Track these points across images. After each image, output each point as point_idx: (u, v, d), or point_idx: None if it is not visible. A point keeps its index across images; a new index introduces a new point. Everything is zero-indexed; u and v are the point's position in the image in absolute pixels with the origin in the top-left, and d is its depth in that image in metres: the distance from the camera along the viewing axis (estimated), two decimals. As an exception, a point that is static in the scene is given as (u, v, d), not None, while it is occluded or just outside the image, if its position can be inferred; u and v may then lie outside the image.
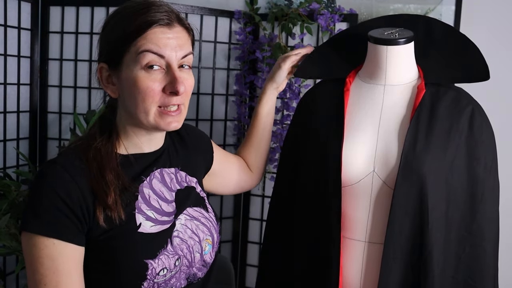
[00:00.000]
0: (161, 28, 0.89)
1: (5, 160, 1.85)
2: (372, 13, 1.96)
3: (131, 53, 0.89)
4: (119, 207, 0.88)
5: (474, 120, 1.09)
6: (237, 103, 1.99)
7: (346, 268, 1.11)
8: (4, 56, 1.79)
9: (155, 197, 0.95)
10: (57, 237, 0.84)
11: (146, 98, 0.89)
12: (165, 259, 0.91)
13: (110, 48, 0.92)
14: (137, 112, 0.91)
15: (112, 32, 0.92)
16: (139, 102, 0.89)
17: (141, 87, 0.88)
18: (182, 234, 0.96)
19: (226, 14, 1.97)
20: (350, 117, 1.14)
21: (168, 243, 0.92)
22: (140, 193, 0.93)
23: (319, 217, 1.12)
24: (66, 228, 0.85)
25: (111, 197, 0.87)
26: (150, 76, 0.89)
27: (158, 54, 0.89)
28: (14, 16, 1.82)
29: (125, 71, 0.90)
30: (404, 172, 1.04)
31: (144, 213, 0.92)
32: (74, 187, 0.86)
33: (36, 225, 0.85)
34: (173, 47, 0.90)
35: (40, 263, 0.84)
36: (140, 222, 0.91)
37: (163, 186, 0.98)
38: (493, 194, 1.12)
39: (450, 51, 1.17)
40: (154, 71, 0.89)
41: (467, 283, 1.10)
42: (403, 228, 1.05)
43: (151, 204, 0.94)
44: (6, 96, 1.82)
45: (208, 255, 1.01)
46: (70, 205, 0.85)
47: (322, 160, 1.12)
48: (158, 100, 0.90)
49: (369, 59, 1.18)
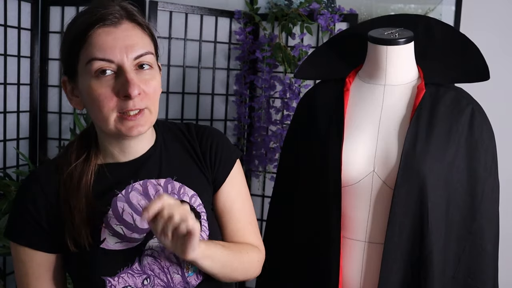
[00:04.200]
0: (105, 29, 0.83)
1: (5, 160, 1.85)
2: (372, 13, 1.96)
3: (81, 62, 0.84)
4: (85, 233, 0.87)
5: (474, 120, 1.09)
6: (237, 103, 1.99)
7: (346, 268, 1.11)
8: (4, 56, 1.79)
9: (130, 211, 0.89)
10: (26, 244, 0.90)
11: (102, 106, 0.83)
12: (128, 278, 0.87)
13: (64, 59, 0.88)
14: (98, 121, 0.87)
15: (64, 42, 0.88)
16: (97, 111, 0.84)
17: (94, 95, 0.83)
18: (157, 253, 0.89)
19: (226, 14, 1.97)
20: (350, 117, 1.14)
21: (135, 262, 0.87)
22: (113, 206, 0.88)
23: (319, 217, 1.12)
24: (35, 236, 0.90)
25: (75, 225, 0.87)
26: (101, 83, 0.83)
27: (106, 60, 0.82)
28: (14, 16, 1.82)
29: (81, 81, 0.86)
30: (404, 172, 1.04)
31: (112, 228, 0.87)
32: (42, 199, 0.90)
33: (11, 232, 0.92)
34: (123, 48, 0.83)
35: (15, 266, 0.93)
36: (105, 237, 0.87)
37: (143, 198, 0.90)
38: (493, 194, 1.12)
39: (450, 51, 1.17)
40: (106, 76, 0.83)
41: (467, 283, 1.10)
42: (403, 228, 1.05)
43: (123, 218, 0.88)
44: (6, 96, 1.82)
45: (194, 277, 0.91)
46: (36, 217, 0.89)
47: (322, 160, 1.12)
48: (115, 106, 0.83)
49: (369, 59, 1.18)
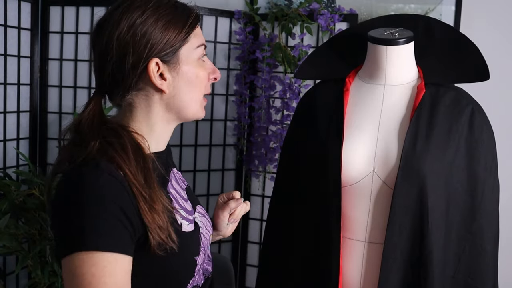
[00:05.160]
0: None
1: (5, 160, 1.85)
2: (372, 13, 1.96)
3: (189, 46, 0.92)
4: (172, 237, 0.84)
5: (474, 120, 1.09)
6: (237, 103, 1.99)
7: (346, 268, 1.11)
8: (4, 56, 1.79)
9: (179, 196, 0.96)
10: (119, 250, 0.77)
11: (202, 87, 0.95)
12: (202, 255, 0.94)
13: (165, 42, 0.89)
14: (192, 102, 0.94)
15: (165, 28, 0.89)
16: (197, 91, 0.94)
17: (201, 77, 0.93)
18: (203, 230, 0.99)
19: (226, 14, 1.97)
20: (350, 117, 1.14)
21: (200, 240, 0.95)
22: (170, 194, 0.93)
23: (319, 217, 1.12)
24: (124, 239, 0.79)
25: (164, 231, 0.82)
26: (203, 67, 0.94)
27: (205, 46, 0.96)
28: (14, 16, 1.82)
29: (185, 64, 0.92)
30: (404, 172, 1.04)
31: (180, 212, 0.93)
32: (127, 195, 0.80)
33: (98, 241, 0.76)
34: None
35: (103, 283, 0.75)
36: (181, 222, 0.91)
37: (177, 184, 0.99)
38: (493, 194, 1.12)
39: (450, 51, 1.17)
40: (204, 62, 0.95)
41: (467, 283, 1.10)
42: (403, 228, 1.05)
43: (180, 203, 0.95)
44: (6, 96, 1.82)
45: (209, 250, 1.04)
46: (127, 214, 0.79)
47: (322, 160, 1.12)
48: (206, 88, 0.96)
49: (369, 59, 1.18)
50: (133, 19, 0.88)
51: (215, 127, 2.04)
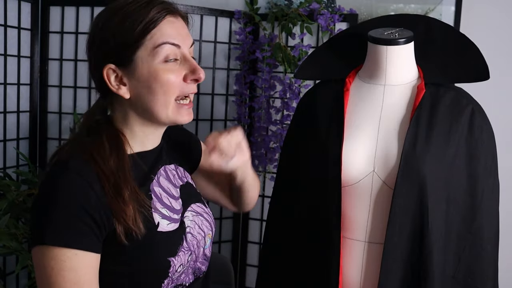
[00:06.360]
0: (171, 18, 0.90)
1: (5, 160, 1.85)
2: (372, 13, 1.96)
3: (145, 48, 0.88)
4: (138, 223, 0.86)
5: (474, 120, 1.10)
6: (237, 103, 1.99)
7: (346, 268, 1.11)
8: (4, 56, 1.79)
9: (165, 194, 0.95)
10: (79, 247, 0.81)
11: (167, 91, 0.89)
12: (182, 255, 0.92)
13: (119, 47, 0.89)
14: (156, 107, 0.90)
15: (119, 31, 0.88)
16: (160, 96, 0.89)
17: (162, 80, 0.88)
18: (192, 230, 0.97)
19: (226, 14, 1.97)
20: (350, 117, 1.14)
21: (183, 240, 0.93)
22: (152, 192, 0.93)
23: (319, 217, 1.12)
24: (87, 237, 0.82)
25: (129, 216, 0.85)
26: (170, 68, 0.89)
27: (175, 45, 0.89)
28: (14, 16, 1.82)
29: (142, 67, 0.88)
30: (404, 172, 1.04)
31: (160, 211, 0.92)
32: (92, 194, 0.83)
33: (57, 236, 0.80)
34: (184, 36, 0.91)
35: (61, 276, 0.80)
36: (158, 221, 0.90)
37: (169, 183, 0.98)
38: (493, 194, 1.12)
39: (450, 51, 1.17)
40: (172, 62, 0.89)
41: (467, 283, 1.10)
42: (403, 228, 1.05)
43: (164, 202, 0.94)
44: (6, 96, 1.82)
45: (208, 249, 1.02)
46: (90, 212, 0.82)
47: (322, 160, 1.12)
48: (177, 91, 0.90)
49: (369, 59, 1.18)
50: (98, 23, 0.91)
51: (215, 127, 2.04)
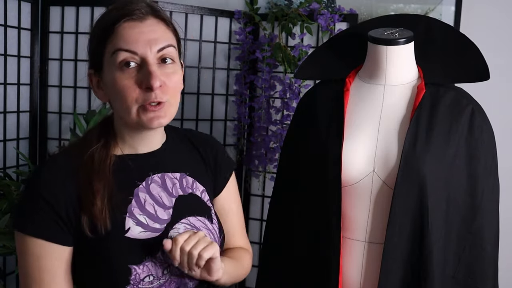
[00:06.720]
0: (131, 23, 0.88)
1: (5, 160, 1.85)
2: (372, 13, 1.96)
3: (107, 54, 0.89)
4: (105, 216, 0.87)
5: (474, 120, 1.10)
6: (237, 103, 1.99)
7: (346, 268, 1.11)
8: (4, 56, 1.79)
9: (151, 202, 0.94)
10: (42, 237, 0.87)
11: (125, 97, 0.87)
12: (151, 266, 0.89)
13: (92, 52, 0.92)
14: (121, 112, 0.91)
15: (93, 36, 0.92)
16: (121, 102, 0.89)
17: (118, 86, 0.87)
18: None
19: (226, 14, 1.97)
20: (350, 117, 1.14)
21: (158, 251, 0.90)
22: (135, 196, 0.92)
23: (319, 217, 1.12)
24: (51, 229, 0.87)
25: (96, 207, 0.87)
26: (125, 75, 0.87)
27: (130, 51, 0.87)
28: (14, 16, 1.82)
29: (106, 73, 0.90)
30: (404, 172, 1.04)
31: (136, 217, 0.91)
32: (61, 189, 0.87)
33: (23, 224, 0.88)
34: (147, 41, 0.87)
35: (26, 260, 0.88)
36: (129, 227, 0.89)
37: (162, 191, 0.96)
38: (493, 194, 1.12)
39: (450, 51, 1.17)
40: (129, 69, 0.87)
41: (467, 283, 1.10)
42: (403, 228, 1.05)
43: (145, 209, 0.92)
44: (6, 96, 1.82)
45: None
46: (55, 207, 0.86)
47: (322, 160, 1.12)
48: (138, 98, 0.87)
49: (369, 59, 1.18)
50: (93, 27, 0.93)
51: (215, 127, 2.04)
